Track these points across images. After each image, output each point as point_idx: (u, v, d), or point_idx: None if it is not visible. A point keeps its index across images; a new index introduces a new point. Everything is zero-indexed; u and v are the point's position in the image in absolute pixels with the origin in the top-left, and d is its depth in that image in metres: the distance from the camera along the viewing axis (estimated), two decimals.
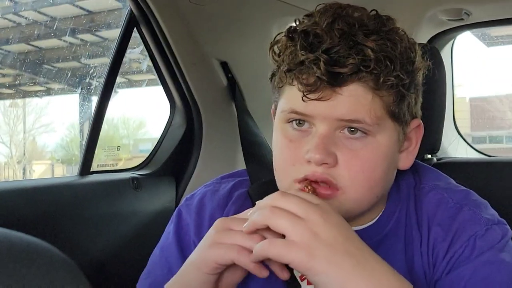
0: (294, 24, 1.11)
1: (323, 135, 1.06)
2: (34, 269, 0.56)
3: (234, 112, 2.25)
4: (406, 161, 1.16)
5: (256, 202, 1.01)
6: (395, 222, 1.18)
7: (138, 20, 2.10)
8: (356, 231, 1.12)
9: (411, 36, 1.14)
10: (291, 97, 1.09)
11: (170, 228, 1.28)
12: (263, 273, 1.00)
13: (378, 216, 1.19)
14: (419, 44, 1.13)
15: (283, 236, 0.95)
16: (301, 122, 1.09)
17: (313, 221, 0.94)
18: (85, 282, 0.60)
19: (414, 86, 1.10)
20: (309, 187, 1.07)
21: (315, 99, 1.04)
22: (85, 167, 2.02)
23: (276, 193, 1.00)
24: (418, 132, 1.17)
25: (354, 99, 1.04)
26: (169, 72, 2.23)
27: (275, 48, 1.12)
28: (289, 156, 1.11)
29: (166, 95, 2.33)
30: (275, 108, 1.17)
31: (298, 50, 1.05)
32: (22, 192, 1.78)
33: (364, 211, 1.14)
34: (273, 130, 1.16)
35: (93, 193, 1.97)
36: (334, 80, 1.02)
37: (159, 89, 2.36)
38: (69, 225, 1.84)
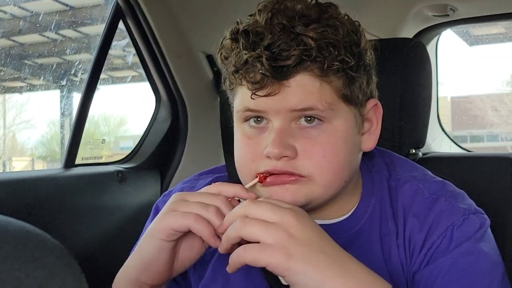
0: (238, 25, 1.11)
1: (279, 129, 1.07)
2: (27, 254, 0.56)
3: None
4: (369, 142, 1.17)
5: (227, 214, 1.02)
6: (369, 215, 1.18)
7: (124, 12, 2.09)
8: (331, 225, 1.14)
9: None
10: (242, 97, 1.10)
11: (148, 224, 1.28)
12: (217, 243, 1.01)
13: (353, 210, 1.19)
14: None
15: None
16: (259, 119, 1.10)
17: (287, 223, 0.96)
18: (77, 267, 0.60)
19: (364, 67, 1.11)
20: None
21: (265, 95, 1.05)
22: (70, 160, 2.00)
23: (246, 201, 1.01)
24: (377, 111, 1.18)
25: (303, 89, 1.05)
26: (155, 65, 2.23)
27: (223, 52, 1.12)
28: (248, 154, 1.12)
29: (152, 88, 2.33)
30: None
31: (241, 50, 1.06)
32: (6, 184, 1.77)
33: (334, 197, 1.14)
34: (234, 130, 1.16)
35: (78, 186, 1.95)
36: (279, 74, 1.03)
37: (141, 85, 2.35)
38: (53, 217, 1.82)
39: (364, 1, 2.27)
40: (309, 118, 1.07)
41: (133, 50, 2.30)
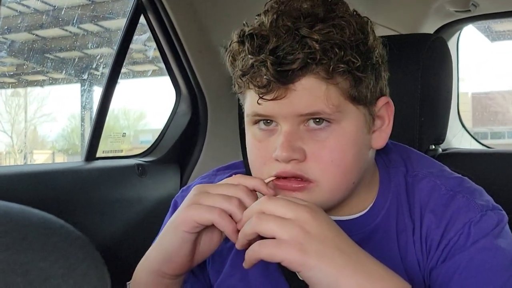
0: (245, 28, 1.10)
1: (287, 133, 1.07)
2: (51, 245, 0.56)
3: None
4: (380, 140, 1.16)
5: (245, 212, 1.02)
6: (386, 211, 1.18)
7: (146, 7, 2.10)
8: (347, 221, 1.14)
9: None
10: (251, 101, 1.10)
11: (167, 218, 1.29)
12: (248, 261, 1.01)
13: (370, 206, 1.19)
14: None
15: None
16: (268, 121, 1.10)
17: (302, 219, 0.96)
18: (99, 257, 0.60)
19: (372, 66, 1.09)
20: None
21: (271, 100, 1.05)
22: (91, 153, 2.02)
23: (263, 197, 1.01)
24: (388, 109, 1.16)
25: (309, 92, 1.04)
26: (175, 60, 2.23)
27: (230, 55, 1.13)
28: (259, 157, 1.12)
29: (172, 82, 2.33)
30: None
31: (247, 54, 1.06)
32: (28, 176, 1.78)
33: (344, 198, 1.14)
34: (245, 132, 1.17)
35: (99, 179, 1.97)
36: (285, 78, 1.03)
37: (160, 80, 2.36)
38: (74, 209, 1.84)
39: None
40: (318, 120, 1.07)
41: (153, 44, 2.31)
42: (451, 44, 2.61)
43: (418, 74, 1.57)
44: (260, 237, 0.98)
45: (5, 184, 1.69)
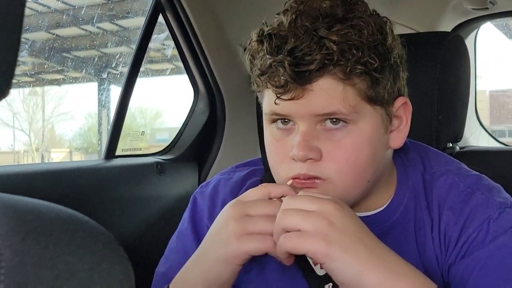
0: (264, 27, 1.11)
1: (304, 132, 1.08)
2: (77, 240, 0.58)
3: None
4: (397, 139, 1.16)
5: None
6: (404, 208, 1.19)
7: (164, 6, 2.12)
8: (366, 217, 1.15)
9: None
10: (269, 100, 1.11)
11: (186, 214, 1.31)
12: (291, 261, 1.03)
13: (387, 203, 1.20)
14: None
15: None
16: (286, 120, 1.11)
17: (326, 210, 0.98)
18: (123, 253, 0.62)
19: (390, 67, 1.10)
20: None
21: (289, 100, 1.06)
22: (110, 151, 2.04)
23: (286, 197, 1.04)
24: (406, 109, 1.17)
25: (326, 93, 1.05)
26: (193, 59, 2.25)
27: (249, 54, 1.14)
28: (277, 155, 1.13)
29: (190, 81, 2.35)
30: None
31: (265, 54, 1.07)
32: (49, 174, 1.81)
33: (360, 197, 1.15)
34: (264, 130, 1.18)
35: (118, 177, 1.99)
36: (302, 79, 1.04)
37: (176, 78, 2.36)
38: (94, 207, 1.86)
39: None
40: (334, 120, 1.08)
41: (171, 44, 2.32)
42: (468, 42, 2.60)
43: (435, 72, 1.57)
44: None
45: (27, 182, 1.72)
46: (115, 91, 2.77)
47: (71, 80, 3.44)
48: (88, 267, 0.57)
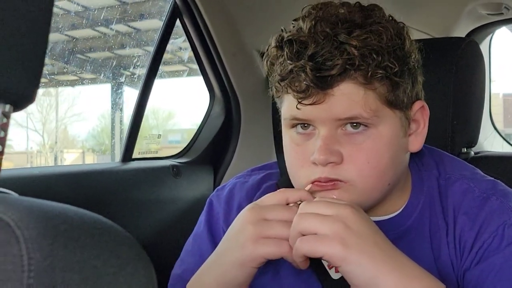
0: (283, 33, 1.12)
1: (325, 136, 1.08)
2: (103, 244, 0.60)
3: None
4: (416, 143, 1.17)
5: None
6: (419, 213, 1.19)
7: (181, 11, 2.14)
8: (380, 221, 1.16)
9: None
10: (289, 105, 1.12)
11: (202, 217, 1.32)
12: (306, 265, 1.05)
13: (402, 208, 1.20)
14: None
15: None
16: (306, 125, 1.12)
17: (343, 215, 0.99)
18: (146, 257, 0.63)
19: (408, 71, 1.11)
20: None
21: (310, 104, 1.06)
22: (127, 154, 2.06)
23: (303, 203, 1.05)
24: (424, 112, 1.18)
25: (347, 98, 1.06)
26: (210, 63, 2.26)
27: (269, 59, 1.14)
28: (297, 160, 1.14)
29: (206, 85, 2.36)
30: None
31: (286, 59, 1.08)
32: (65, 177, 1.82)
33: (380, 200, 1.16)
34: (282, 135, 1.19)
35: (135, 180, 2.01)
36: (324, 84, 1.05)
37: (188, 80, 2.37)
38: (112, 209, 1.88)
39: (417, 0, 2.27)
40: (355, 124, 1.08)
41: (184, 45, 2.34)
42: (483, 46, 2.59)
43: (451, 77, 1.57)
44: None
45: (44, 185, 1.74)
46: (129, 93, 2.79)
47: (85, 81, 3.46)
48: (113, 271, 0.58)
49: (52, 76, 3.40)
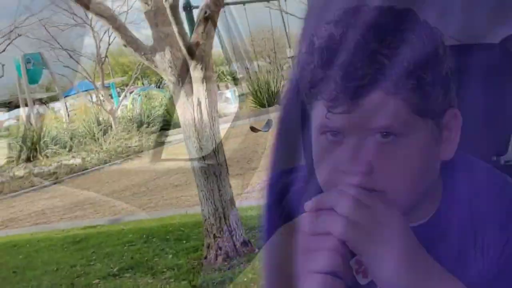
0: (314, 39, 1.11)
1: (354, 146, 1.08)
2: None
3: None
4: (447, 151, 1.17)
5: None
6: (448, 220, 1.19)
7: None
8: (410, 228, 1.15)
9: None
10: (319, 113, 1.11)
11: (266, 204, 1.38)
12: None
13: (431, 215, 1.20)
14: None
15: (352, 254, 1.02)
16: (336, 133, 1.11)
17: (377, 208, 1.02)
18: None
19: (441, 79, 1.10)
20: None
21: (339, 113, 1.06)
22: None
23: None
24: (456, 120, 1.17)
25: (377, 107, 1.05)
26: None
27: (299, 66, 1.13)
28: (327, 170, 1.14)
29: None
30: None
31: (316, 67, 1.07)
32: None
33: (411, 208, 1.15)
34: (313, 141, 1.18)
35: None
36: (354, 93, 1.04)
37: None
38: None
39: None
40: (385, 134, 1.08)
41: None
42: None
43: (482, 84, 1.56)
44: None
45: None
46: None
47: None
48: None
49: None
